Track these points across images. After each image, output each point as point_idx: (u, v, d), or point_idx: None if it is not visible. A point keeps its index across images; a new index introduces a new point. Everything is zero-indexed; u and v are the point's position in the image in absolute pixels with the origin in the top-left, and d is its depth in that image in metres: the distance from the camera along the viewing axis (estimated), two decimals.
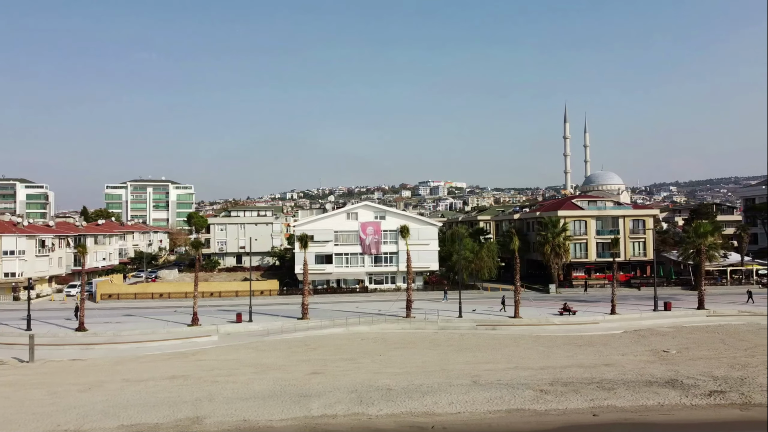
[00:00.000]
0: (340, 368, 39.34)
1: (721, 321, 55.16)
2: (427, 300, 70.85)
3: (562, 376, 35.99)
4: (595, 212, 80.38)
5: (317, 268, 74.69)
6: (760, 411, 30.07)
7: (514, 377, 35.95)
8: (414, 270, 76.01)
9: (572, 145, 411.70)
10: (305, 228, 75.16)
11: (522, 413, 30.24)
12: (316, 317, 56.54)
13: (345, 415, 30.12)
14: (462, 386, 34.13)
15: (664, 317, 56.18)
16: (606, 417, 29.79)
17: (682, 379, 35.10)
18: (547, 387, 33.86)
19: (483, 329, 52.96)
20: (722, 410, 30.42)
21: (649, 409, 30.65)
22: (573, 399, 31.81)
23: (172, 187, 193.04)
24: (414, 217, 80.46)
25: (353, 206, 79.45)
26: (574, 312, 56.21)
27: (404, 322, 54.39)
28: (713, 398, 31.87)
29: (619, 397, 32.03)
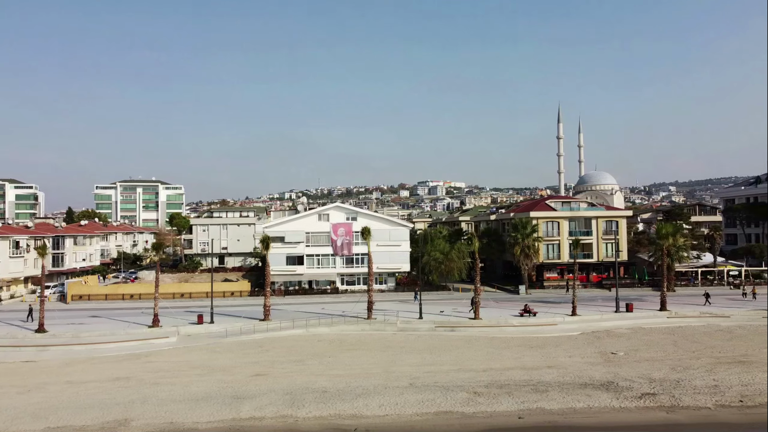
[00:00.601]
0: (285, 370, 39.56)
1: (681, 323, 55.28)
2: (398, 301, 70.96)
3: (500, 379, 36.24)
4: (568, 213, 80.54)
5: (288, 269, 74.95)
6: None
7: (453, 379, 36.17)
8: (386, 271, 76.63)
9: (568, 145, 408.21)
10: (276, 229, 75.40)
11: (449, 416, 30.50)
12: (278, 318, 56.70)
13: (273, 417, 30.38)
14: (398, 388, 34.39)
15: (625, 319, 56.30)
16: (531, 420, 30.07)
17: (618, 382, 35.32)
18: (482, 389, 34.10)
19: (441, 330, 53.14)
20: (648, 413, 30.71)
21: (576, 411, 30.91)
22: (504, 401, 32.07)
23: (162, 188, 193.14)
24: (386, 218, 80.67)
25: (324, 207, 79.70)
26: (534, 313, 56.37)
27: (364, 324, 54.56)
28: (643, 401, 32.13)
29: (550, 400, 32.27)
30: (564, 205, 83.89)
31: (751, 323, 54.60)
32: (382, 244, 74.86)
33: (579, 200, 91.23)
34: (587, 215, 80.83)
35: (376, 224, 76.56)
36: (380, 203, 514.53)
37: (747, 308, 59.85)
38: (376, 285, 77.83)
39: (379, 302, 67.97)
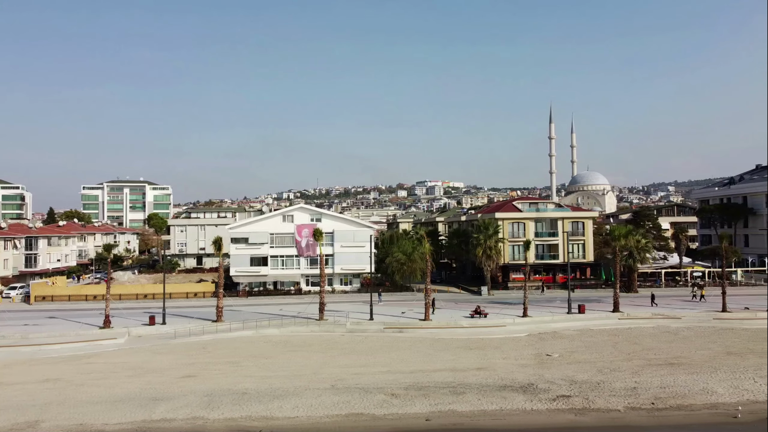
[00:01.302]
0: (217, 372, 39.77)
1: (631, 324, 55.41)
2: (361, 302, 70.91)
3: (424, 380, 36.47)
4: (534, 214, 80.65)
5: (253, 270, 75.20)
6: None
7: (377, 381, 36.42)
8: (351, 272, 76.80)
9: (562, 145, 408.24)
10: (241, 230, 75.64)
11: (358, 417, 30.81)
12: (231, 320, 56.84)
13: (183, 419, 30.65)
14: (319, 390, 34.65)
15: (576, 320, 56.47)
16: (438, 422, 30.39)
17: (539, 384, 35.55)
18: (400, 391, 34.35)
19: (390, 332, 53.32)
20: (557, 415, 30.99)
21: (486, 413, 31.19)
22: (418, 403, 32.34)
23: (149, 188, 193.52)
24: (350, 219, 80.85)
25: (289, 209, 79.96)
26: (485, 315, 56.54)
27: (314, 325, 54.75)
28: (556, 403, 32.40)
29: (464, 402, 32.55)
30: (531, 206, 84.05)
31: (700, 325, 54.75)
32: (346, 245, 75.16)
33: (547, 201, 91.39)
34: (553, 216, 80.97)
35: (340, 225, 76.89)
36: (377, 203, 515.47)
37: (699, 310, 59.99)
38: (341, 286, 78.26)
39: (342, 303, 68.29)
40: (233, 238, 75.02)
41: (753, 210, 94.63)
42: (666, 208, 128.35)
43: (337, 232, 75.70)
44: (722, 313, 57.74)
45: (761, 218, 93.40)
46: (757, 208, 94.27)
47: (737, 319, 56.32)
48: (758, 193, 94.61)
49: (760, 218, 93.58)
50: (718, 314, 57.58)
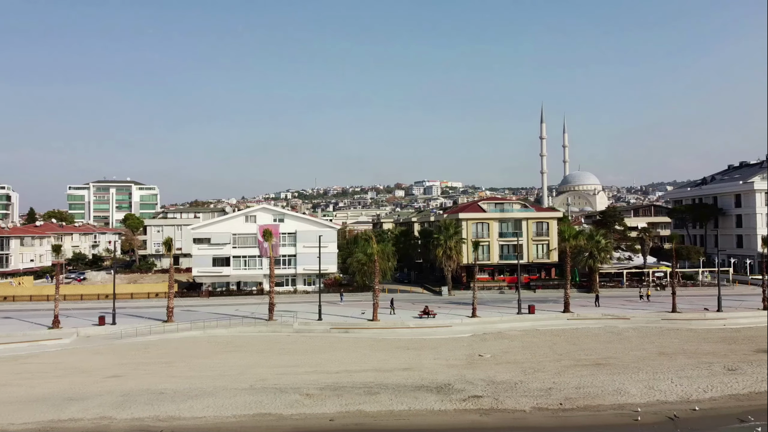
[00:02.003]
0: (146, 371, 40.02)
1: (579, 325, 55.61)
2: (325, 303, 71.14)
3: (345, 381, 36.72)
4: (498, 215, 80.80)
5: (215, 271, 75.42)
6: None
7: (299, 381, 36.69)
8: (313, 272, 77.01)
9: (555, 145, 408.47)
10: (203, 231, 75.83)
11: (264, 417, 31.11)
12: (183, 320, 57.04)
13: (91, 419, 30.93)
14: (236, 390, 34.90)
15: (525, 320, 56.65)
16: (341, 422, 30.70)
17: (456, 384, 35.78)
18: (316, 391, 34.60)
19: (336, 332, 53.58)
20: (462, 415, 31.25)
21: (393, 413, 31.47)
22: (329, 404, 32.62)
23: (135, 188, 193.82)
24: (313, 220, 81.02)
25: (251, 209, 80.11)
26: (434, 315, 56.74)
27: (263, 325, 54.98)
28: (466, 403, 32.67)
29: (375, 402, 32.79)
30: (497, 206, 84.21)
31: (647, 325, 55.02)
32: (309, 245, 75.31)
33: (513, 201, 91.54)
34: (517, 216, 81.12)
35: (303, 226, 77.14)
36: (374, 203, 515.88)
37: (650, 310, 60.19)
38: (305, 286, 78.47)
39: (303, 303, 68.51)
40: (195, 239, 75.27)
41: (723, 210, 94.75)
42: (643, 209, 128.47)
43: (300, 232, 75.94)
44: (672, 313, 57.92)
45: (731, 218, 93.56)
46: (726, 208, 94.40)
47: (685, 320, 56.53)
48: (727, 193, 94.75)
49: (730, 218, 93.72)
50: (668, 315, 57.79)
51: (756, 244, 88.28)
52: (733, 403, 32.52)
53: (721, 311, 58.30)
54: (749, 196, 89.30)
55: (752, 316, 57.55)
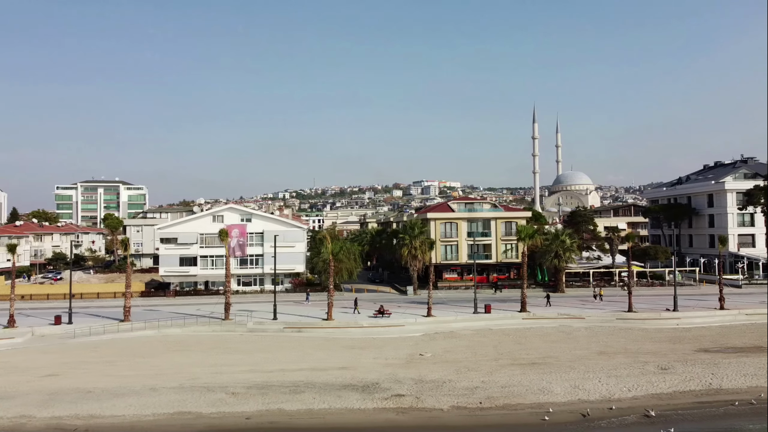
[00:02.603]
0: (84, 371, 40.27)
1: (533, 324, 55.82)
2: (293, 302, 71.50)
3: (275, 379, 37.06)
4: (466, 214, 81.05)
5: (182, 270, 75.70)
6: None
7: (229, 380, 36.98)
8: (282, 272, 77.29)
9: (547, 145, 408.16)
10: (170, 231, 76.12)
11: (182, 416, 31.42)
12: (140, 319, 57.18)
13: (10, 417, 31.23)
14: (165, 389, 35.23)
15: (479, 320, 56.84)
16: (257, 420, 30.97)
17: (384, 383, 36.04)
18: (242, 390, 34.85)
19: (289, 332, 53.84)
20: (380, 414, 31.61)
21: (312, 412, 31.85)
22: (251, 402, 32.90)
23: (123, 188, 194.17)
24: (281, 219, 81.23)
25: (219, 209, 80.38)
26: (389, 314, 56.95)
27: (217, 324, 55.23)
28: (388, 402, 32.97)
29: (296, 401, 33.09)
30: (467, 206, 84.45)
31: (601, 325, 55.28)
32: (277, 245, 75.38)
33: (483, 201, 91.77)
34: (486, 216, 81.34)
35: (270, 226, 77.39)
36: (372, 203, 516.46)
37: (607, 310, 60.45)
38: (272, 286, 78.66)
39: (269, 303, 68.55)
40: (163, 239, 75.54)
41: (696, 210, 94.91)
42: (623, 209, 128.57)
43: (267, 232, 76.19)
44: (628, 313, 58.10)
45: (704, 218, 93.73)
46: (699, 208, 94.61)
47: (640, 319, 56.76)
48: (700, 193, 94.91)
49: (703, 218, 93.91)
50: (624, 314, 57.98)
51: (727, 244, 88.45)
52: (654, 402, 32.72)
53: (677, 311, 58.43)
54: (721, 196, 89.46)
55: (707, 316, 57.79)
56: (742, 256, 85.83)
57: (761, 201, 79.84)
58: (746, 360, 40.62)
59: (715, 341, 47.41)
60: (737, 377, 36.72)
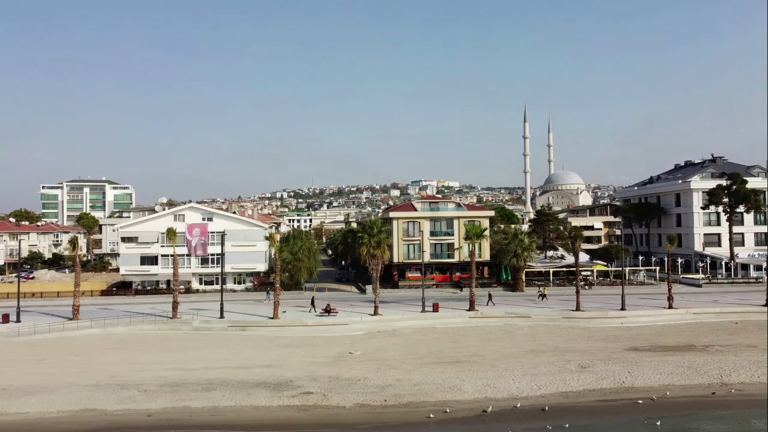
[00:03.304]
0: (10, 368, 40.62)
1: (478, 323, 56.07)
2: (252, 300, 71.76)
3: (190, 377, 37.42)
4: (429, 213, 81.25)
5: (143, 269, 75.95)
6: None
7: (146, 378, 37.38)
8: (244, 270, 77.61)
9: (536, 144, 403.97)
10: (130, 230, 76.37)
11: (86, 413, 31.98)
12: (93, 318, 57.22)
13: None
14: (80, 386, 35.68)
15: (426, 318, 57.07)
16: (158, 417, 31.19)
17: (298, 381, 36.37)
18: (155, 388, 35.21)
19: (233, 330, 54.11)
20: (282, 411, 32.10)
21: (215, 410, 32.23)
22: (161, 399, 33.37)
23: (109, 188, 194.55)
24: (242, 219, 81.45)
25: (179, 208, 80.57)
26: (335, 313, 57.16)
27: (163, 323, 55.49)
28: (294, 399, 33.26)
29: (204, 398, 33.42)
30: (431, 205, 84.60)
31: (546, 324, 55.53)
32: (237, 244, 75.81)
33: (448, 200, 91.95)
34: (449, 215, 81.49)
35: (232, 225, 77.61)
36: (369, 202, 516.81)
37: (556, 309, 60.56)
38: (234, 285, 78.93)
39: (228, 302, 68.78)
40: (123, 238, 75.80)
41: (664, 210, 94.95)
42: (599, 208, 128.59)
43: (228, 231, 76.29)
44: (575, 312, 58.23)
45: (672, 218, 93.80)
46: (667, 207, 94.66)
47: (585, 318, 56.97)
48: (668, 192, 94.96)
49: (671, 218, 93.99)
50: (571, 313, 58.15)
51: (693, 243, 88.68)
52: (560, 400, 33.07)
53: (624, 310, 58.55)
54: (687, 195, 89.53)
55: (654, 315, 57.97)
56: (706, 256, 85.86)
57: (723, 201, 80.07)
58: (669, 359, 40.84)
59: (650, 340, 47.58)
60: (653, 375, 36.96)
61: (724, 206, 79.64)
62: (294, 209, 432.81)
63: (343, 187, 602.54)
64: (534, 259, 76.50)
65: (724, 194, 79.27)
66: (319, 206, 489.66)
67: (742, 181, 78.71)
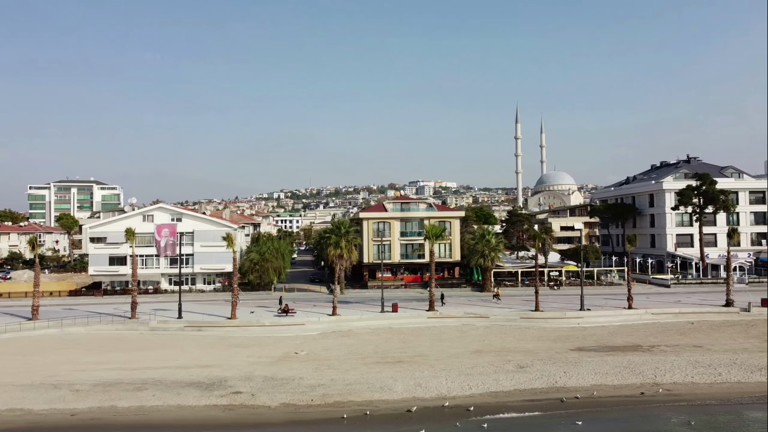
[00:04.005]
0: None
1: (435, 323, 56.27)
2: (222, 300, 71.78)
3: (125, 377, 37.91)
4: (399, 214, 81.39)
5: (111, 270, 76.06)
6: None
7: (82, 378, 37.74)
8: (213, 271, 77.72)
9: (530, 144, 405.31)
10: (99, 230, 76.48)
11: (12, 412, 32.73)
12: (53, 318, 57.19)
13: None
14: (13, 386, 36.49)
15: (383, 319, 57.24)
16: (82, 417, 31.64)
17: (232, 381, 36.58)
18: (87, 388, 35.66)
19: (189, 330, 54.28)
20: (205, 411, 32.26)
21: (141, 409, 32.61)
22: (90, 399, 33.84)
23: (97, 188, 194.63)
24: (211, 219, 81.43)
25: (148, 208, 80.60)
26: (293, 313, 57.33)
27: (121, 323, 55.68)
28: (222, 399, 33.45)
29: (133, 398, 33.77)
30: (402, 206, 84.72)
31: (503, 324, 55.73)
32: (207, 244, 75.92)
33: (420, 201, 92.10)
34: (419, 216, 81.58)
35: (200, 225, 77.77)
36: (365, 203, 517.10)
37: (516, 309, 60.78)
38: (204, 285, 79.09)
39: (195, 302, 68.94)
40: (92, 238, 75.90)
41: (639, 210, 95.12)
42: (579, 209, 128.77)
43: (197, 231, 76.55)
44: (534, 312, 58.37)
45: (646, 218, 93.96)
46: (642, 208, 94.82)
47: (543, 319, 57.12)
48: (642, 193, 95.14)
49: (645, 218, 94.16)
50: (530, 314, 58.31)
51: (666, 244, 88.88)
52: (487, 399, 33.33)
53: (583, 310, 58.71)
54: (660, 196, 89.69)
55: (612, 315, 58.14)
56: (677, 256, 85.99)
57: (693, 201, 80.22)
58: (610, 359, 41.05)
59: (599, 340, 47.76)
60: (588, 375, 37.18)
61: (693, 207, 79.77)
62: (290, 210, 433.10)
63: (340, 188, 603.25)
64: (501, 260, 76.66)
65: (693, 195, 79.39)
66: (315, 207, 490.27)
67: (711, 182, 78.84)
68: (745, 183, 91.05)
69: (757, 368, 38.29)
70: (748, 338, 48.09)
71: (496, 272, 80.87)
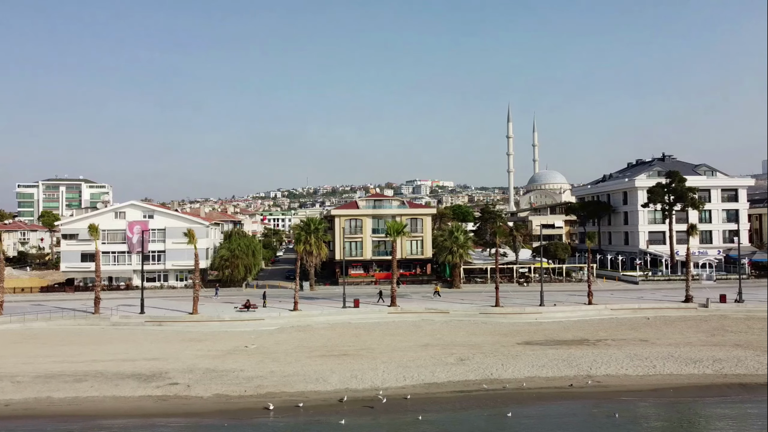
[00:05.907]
0: None
1: (395, 318, 56.94)
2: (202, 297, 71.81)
3: (68, 369, 38.75)
4: (371, 211, 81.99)
5: (83, 266, 76.59)
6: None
7: (25, 370, 38.64)
8: (184, 268, 78.25)
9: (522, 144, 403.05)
10: (71, 227, 77.05)
11: None
12: (11, 314, 57.66)
13: None
14: None
15: (343, 314, 57.88)
16: (15, 407, 32.38)
17: (172, 373, 37.32)
18: (27, 379, 36.44)
19: (149, 325, 54.87)
20: (138, 402, 32.90)
21: (76, 399, 32.98)
22: (28, 390, 34.70)
23: (86, 186, 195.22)
24: (182, 216, 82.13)
25: (120, 205, 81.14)
26: (254, 308, 57.94)
27: (83, 318, 56.32)
28: (157, 390, 34.17)
29: (70, 389, 34.61)
30: (376, 203, 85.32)
31: (461, 319, 56.44)
32: (178, 241, 76.38)
33: (393, 199, 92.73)
34: (390, 213, 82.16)
35: (172, 222, 78.41)
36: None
37: (478, 305, 61.62)
38: (176, 282, 79.67)
39: (166, 299, 69.53)
40: (64, 235, 76.45)
41: (614, 208, 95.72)
42: (560, 207, 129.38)
43: (168, 228, 77.16)
44: (494, 308, 59.01)
45: (620, 216, 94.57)
46: (616, 206, 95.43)
47: (502, 314, 57.73)
48: (617, 191, 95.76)
49: (620, 216, 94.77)
50: (490, 309, 58.96)
51: (638, 241, 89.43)
52: (420, 391, 33.95)
53: (543, 306, 59.36)
54: (633, 193, 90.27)
55: (571, 311, 58.77)
56: (648, 253, 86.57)
57: (663, 199, 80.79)
58: (551, 352, 41.75)
59: (549, 335, 48.40)
60: (524, 368, 37.83)
61: (663, 204, 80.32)
62: (287, 208, 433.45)
63: (337, 187, 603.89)
64: (470, 257, 77.27)
65: (663, 192, 79.96)
66: (311, 205, 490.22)
67: (680, 179, 79.40)
68: (717, 181, 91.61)
69: (692, 361, 39.00)
70: (696, 333, 48.76)
71: (467, 269, 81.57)
